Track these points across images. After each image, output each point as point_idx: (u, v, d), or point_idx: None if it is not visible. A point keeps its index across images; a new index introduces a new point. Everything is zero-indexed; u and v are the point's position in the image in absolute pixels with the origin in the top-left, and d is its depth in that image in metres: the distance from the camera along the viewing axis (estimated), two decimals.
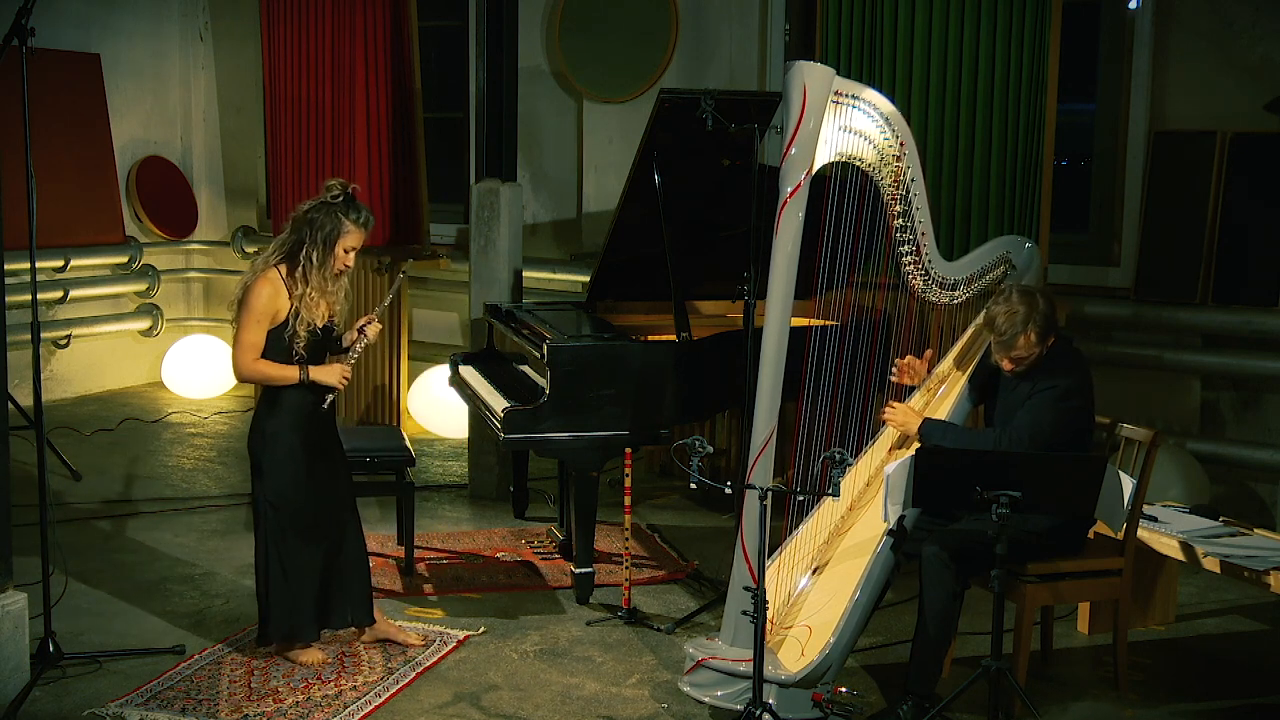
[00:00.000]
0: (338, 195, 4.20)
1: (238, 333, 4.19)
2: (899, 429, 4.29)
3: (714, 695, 3.98)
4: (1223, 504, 5.67)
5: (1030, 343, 4.04)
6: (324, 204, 4.20)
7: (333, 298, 4.28)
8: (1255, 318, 5.91)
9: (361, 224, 4.22)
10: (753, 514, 3.81)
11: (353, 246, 4.23)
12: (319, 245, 4.16)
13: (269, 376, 4.21)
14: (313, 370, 4.21)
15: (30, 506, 4.37)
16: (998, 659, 3.72)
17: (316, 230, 4.16)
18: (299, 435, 4.25)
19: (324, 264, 4.18)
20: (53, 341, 8.41)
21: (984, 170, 5.94)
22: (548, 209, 8.04)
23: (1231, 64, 6.05)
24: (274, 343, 4.20)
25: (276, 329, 4.19)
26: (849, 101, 4.03)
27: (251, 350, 4.18)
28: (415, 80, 7.93)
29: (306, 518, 4.28)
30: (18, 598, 4.07)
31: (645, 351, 4.98)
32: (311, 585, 4.31)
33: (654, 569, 5.38)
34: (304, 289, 4.16)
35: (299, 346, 4.19)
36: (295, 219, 4.23)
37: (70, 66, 8.36)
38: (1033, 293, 4.08)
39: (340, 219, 4.18)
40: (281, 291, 4.17)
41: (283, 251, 4.20)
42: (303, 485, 4.26)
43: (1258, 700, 4.31)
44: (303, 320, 4.17)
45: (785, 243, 3.93)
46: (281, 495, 4.25)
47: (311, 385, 4.22)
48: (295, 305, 4.17)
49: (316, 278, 4.17)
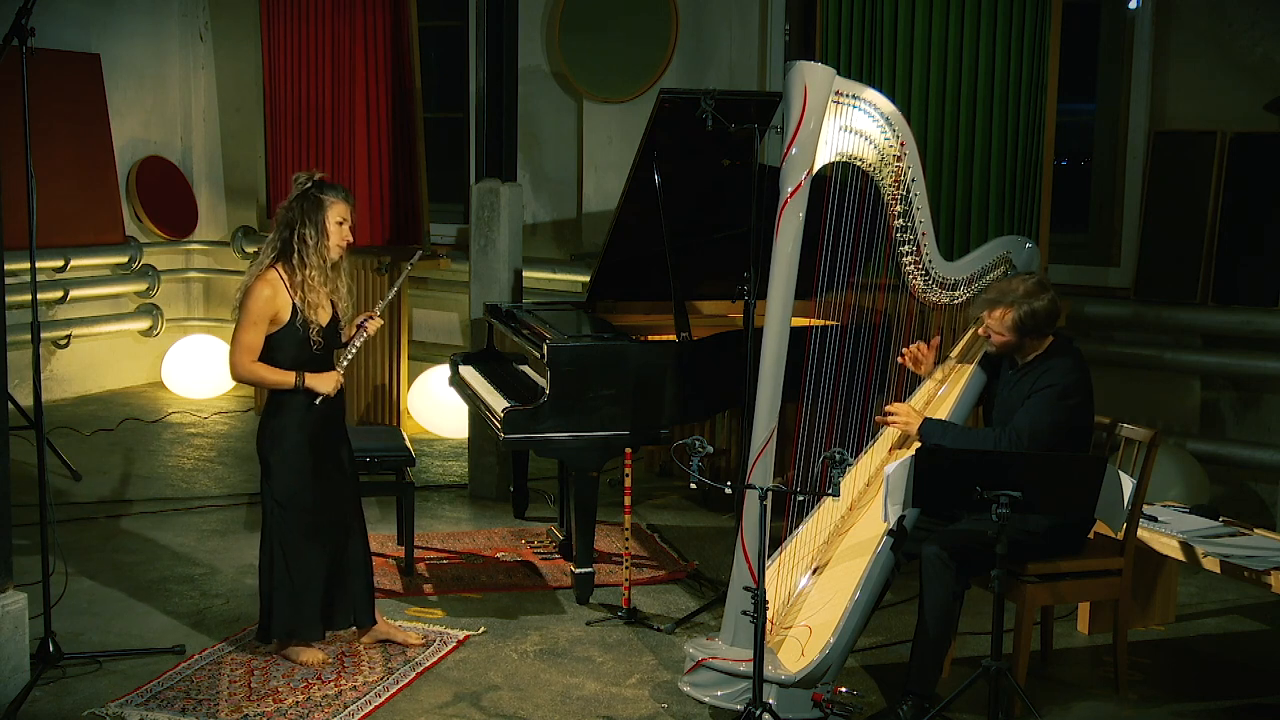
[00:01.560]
0: (305, 182, 4.23)
1: (236, 333, 4.19)
2: (900, 429, 4.29)
3: (714, 695, 3.97)
4: (1223, 504, 5.67)
5: (1005, 322, 4.05)
6: (297, 195, 4.22)
7: (333, 288, 4.27)
8: (1255, 318, 5.92)
9: (341, 196, 4.26)
10: (753, 514, 3.81)
11: (342, 218, 4.24)
12: (308, 227, 4.17)
13: (264, 379, 4.21)
14: (309, 377, 4.21)
15: (30, 506, 4.37)
16: (998, 659, 3.72)
17: (302, 216, 4.18)
18: (305, 434, 4.25)
19: (318, 243, 4.18)
20: (53, 341, 8.41)
21: (984, 170, 5.94)
22: (548, 209, 8.04)
23: (1231, 64, 6.05)
24: (278, 345, 4.20)
25: (278, 332, 4.19)
26: (849, 101, 4.04)
27: (248, 352, 4.18)
28: (415, 80, 7.93)
29: (312, 517, 4.28)
30: (18, 598, 4.07)
31: (645, 351, 4.98)
32: (316, 585, 4.31)
33: (654, 569, 5.38)
34: (303, 274, 4.16)
35: (312, 336, 4.20)
36: (277, 220, 4.26)
37: (70, 66, 8.36)
38: (1045, 287, 4.09)
39: (318, 197, 4.21)
40: (281, 292, 4.17)
41: (275, 249, 4.21)
42: (309, 485, 4.27)
43: (1258, 700, 4.31)
44: (308, 316, 4.18)
45: (785, 243, 3.93)
46: (288, 494, 4.25)
47: (306, 391, 4.22)
48: (298, 301, 4.17)
49: (315, 258, 4.17)
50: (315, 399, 4.24)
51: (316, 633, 4.35)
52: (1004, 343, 4.12)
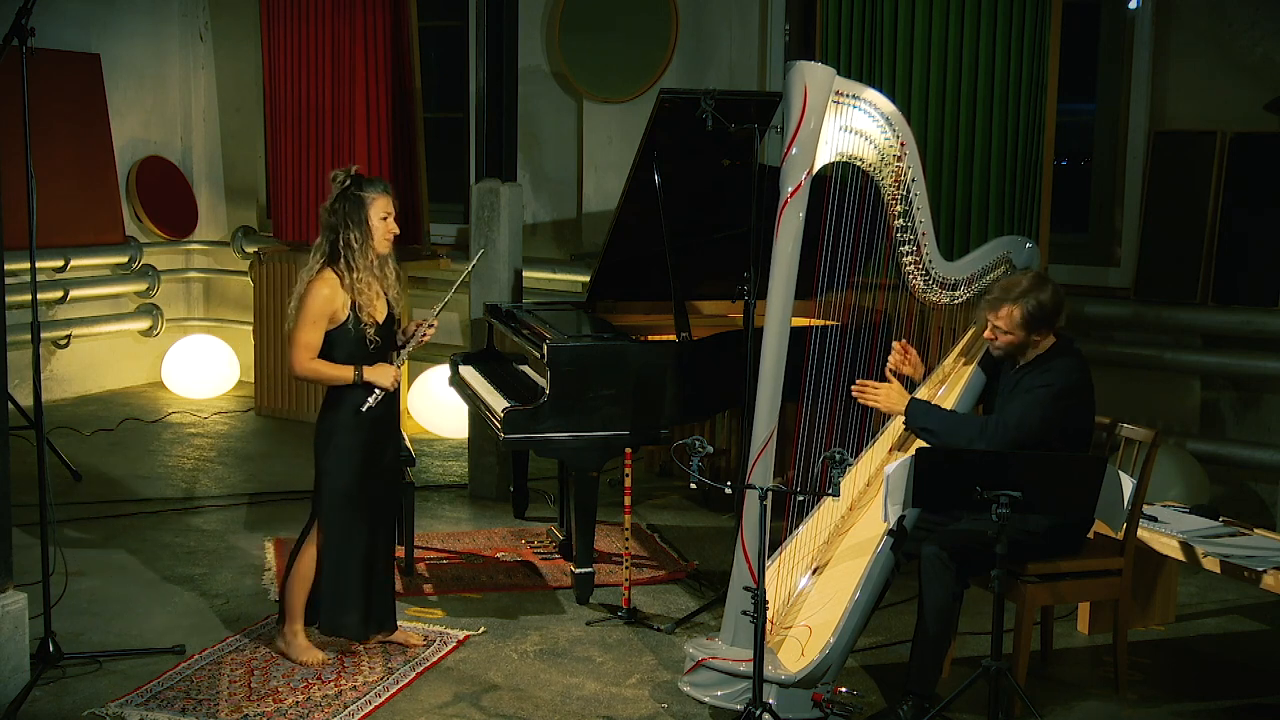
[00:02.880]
0: (344, 180, 4.23)
1: (295, 332, 4.20)
2: (884, 409, 4.24)
3: (714, 695, 3.97)
4: (1223, 504, 5.67)
5: (1013, 319, 4.04)
6: (338, 195, 4.22)
7: (388, 283, 4.29)
8: (1255, 318, 5.92)
9: (381, 190, 4.26)
10: (753, 514, 3.81)
11: (385, 212, 4.25)
12: (353, 228, 4.18)
13: (323, 376, 4.22)
14: (366, 370, 4.22)
15: (30, 506, 4.37)
16: (998, 659, 3.72)
17: (344, 218, 4.18)
18: (360, 435, 4.26)
19: (364, 244, 4.19)
20: (53, 341, 8.41)
21: (984, 170, 5.94)
22: (548, 209, 8.04)
23: (1231, 64, 6.05)
24: (335, 342, 4.21)
25: (335, 330, 4.20)
26: (850, 101, 4.03)
27: (308, 350, 4.18)
28: (415, 80, 7.93)
29: (361, 514, 4.29)
30: (18, 598, 4.07)
31: (645, 351, 4.98)
32: (360, 585, 4.32)
33: (654, 569, 5.38)
34: (352, 278, 4.17)
35: (369, 335, 4.21)
36: (321, 223, 4.25)
37: (70, 66, 8.36)
38: (1047, 282, 4.08)
39: (359, 195, 4.21)
40: (338, 291, 4.18)
41: (324, 253, 4.22)
42: (361, 483, 4.28)
43: (1258, 700, 4.31)
44: (365, 314, 4.19)
45: (786, 243, 3.93)
46: (341, 492, 4.26)
47: (366, 385, 4.22)
48: (353, 299, 4.19)
49: (362, 260, 4.19)
50: (372, 396, 4.23)
51: (361, 631, 4.37)
52: (1010, 342, 4.10)
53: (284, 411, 8.18)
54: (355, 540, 4.30)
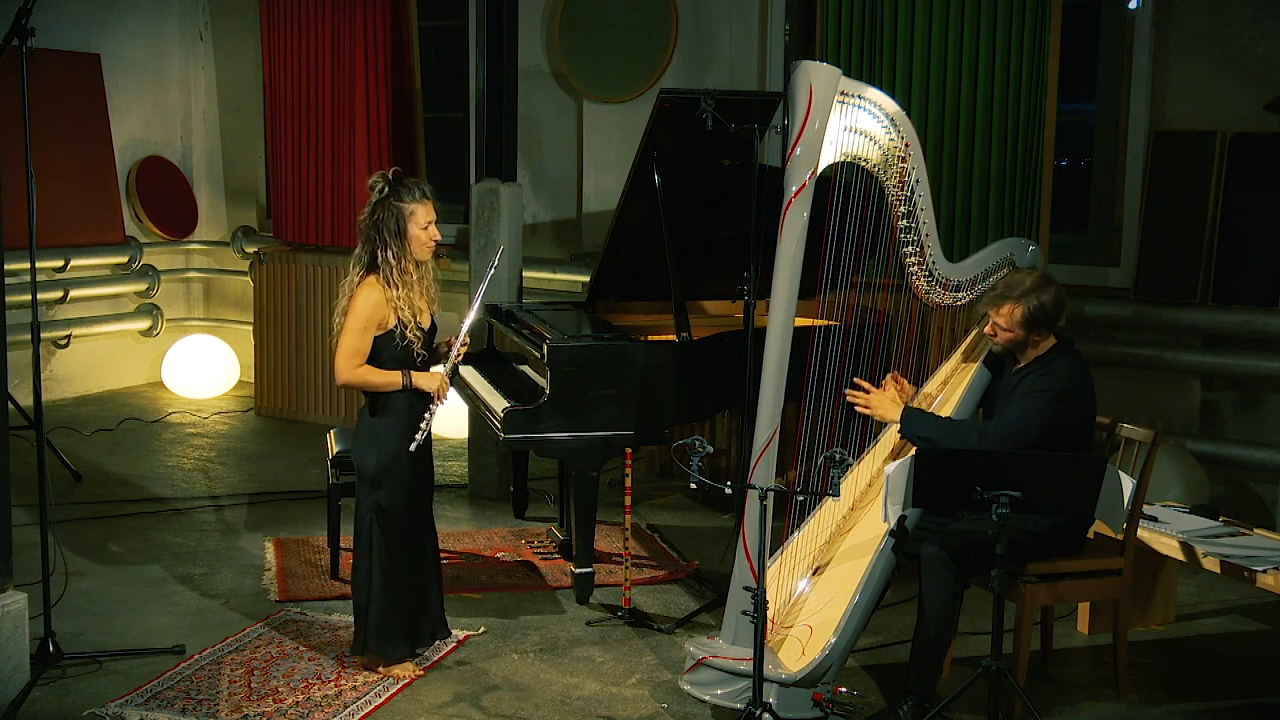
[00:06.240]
0: (383, 188, 4.13)
1: (342, 338, 4.12)
2: (878, 417, 4.24)
3: (714, 694, 3.98)
4: (1223, 504, 5.68)
5: (1013, 317, 4.03)
6: (375, 204, 4.13)
7: (427, 285, 4.20)
8: (1255, 318, 5.91)
9: (420, 198, 4.14)
10: (753, 514, 3.80)
11: (428, 220, 4.14)
12: (391, 241, 4.09)
13: (370, 383, 4.15)
14: (415, 376, 4.16)
15: (30, 506, 4.38)
16: (998, 659, 3.72)
17: (381, 230, 4.10)
18: (408, 443, 4.17)
19: (402, 256, 4.11)
20: (53, 341, 8.41)
21: (984, 170, 5.94)
22: (548, 209, 8.04)
23: (1231, 64, 6.04)
24: (381, 349, 4.14)
25: (381, 337, 4.13)
26: (854, 101, 4.03)
27: (355, 356, 4.11)
28: (415, 80, 7.93)
29: (408, 524, 4.22)
30: (18, 598, 4.07)
31: (645, 351, 4.98)
32: (406, 599, 4.24)
33: (654, 569, 5.38)
34: (394, 293, 4.10)
35: (416, 348, 4.16)
36: (360, 233, 4.16)
37: (70, 66, 8.36)
38: (1051, 283, 4.07)
39: (397, 206, 4.10)
40: (385, 298, 4.11)
41: (363, 265, 4.14)
42: (407, 492, 4.21)
43: (1258, 700, 4.31)
44: (409, 322, 4.13)
45: (789, 243, 3.93)
46: (391, 502, 4.17)
47: (415, 391, 4.16)
48: (396, 306, 4.11)
49: (400, 275, 4.11)
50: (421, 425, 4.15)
51: (403, 651, 4.29)
52: (1010, 339, 4.10)
53: (284, 411, 8.18)
54: (401, 552, 4.20)
